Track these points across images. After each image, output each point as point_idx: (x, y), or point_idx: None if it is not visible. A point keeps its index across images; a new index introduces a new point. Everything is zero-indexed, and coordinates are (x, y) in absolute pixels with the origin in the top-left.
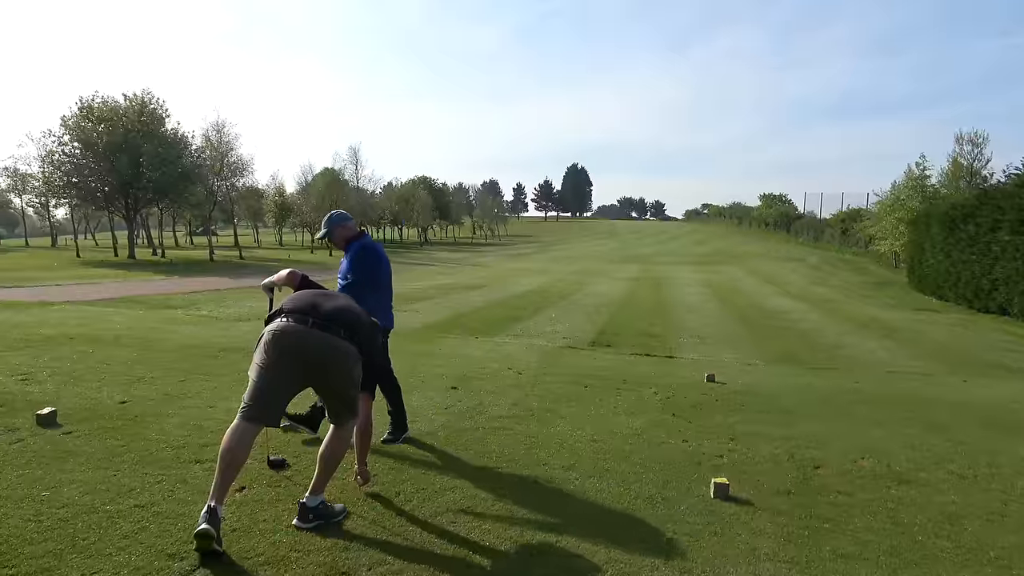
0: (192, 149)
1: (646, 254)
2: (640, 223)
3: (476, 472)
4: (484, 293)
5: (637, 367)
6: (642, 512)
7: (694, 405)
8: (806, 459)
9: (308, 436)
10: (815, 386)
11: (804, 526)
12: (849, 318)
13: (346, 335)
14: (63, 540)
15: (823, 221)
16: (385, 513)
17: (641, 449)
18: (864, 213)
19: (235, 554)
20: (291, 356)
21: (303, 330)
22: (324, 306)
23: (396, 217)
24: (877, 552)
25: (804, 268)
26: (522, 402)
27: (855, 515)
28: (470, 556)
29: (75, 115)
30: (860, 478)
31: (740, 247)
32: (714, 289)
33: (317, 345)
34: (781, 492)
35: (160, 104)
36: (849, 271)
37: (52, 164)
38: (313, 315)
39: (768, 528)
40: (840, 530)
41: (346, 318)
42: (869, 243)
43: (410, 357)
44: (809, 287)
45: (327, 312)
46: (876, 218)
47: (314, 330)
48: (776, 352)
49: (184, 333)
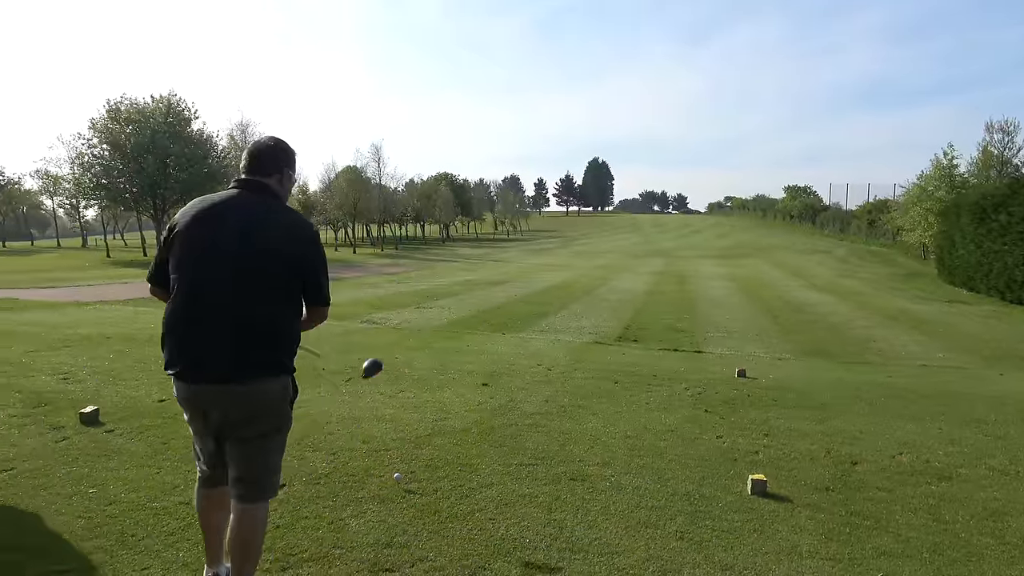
0: (218, 149)
1: (669, 248)
2: (663, 217)
3: (511, 469)
4: (508, 289)
5: (666, 362)
6: (679, 509)
7: (726, 401)
8: (843, 455)
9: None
10: (847, 380)
11: (844, 523)
12: (878, 311)
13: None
14: (112, 536)
15: (849, 212)
16: (424, 510)
17: (675, 445)
18: (891, 204)
19: (279, 551)
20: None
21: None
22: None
23: (418, 214)
24: (920, 549)
25: (831, 260)
26: (553, 398)
27: (896, 512)
28: (511, 553)
29: (103, 117)
30: (899, 474)
31: (764, 240)
32: (739, 283)
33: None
34: (819, 488)
35: (186, 105)
36: (877, 263)
37: (82, 166)
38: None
39: (808, 525)
40: (881, 527)
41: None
42: (897, 234)
43: (439, 353)
44: (836, 279)
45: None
46: (903, 209)
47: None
48: (805, 346)
49: None
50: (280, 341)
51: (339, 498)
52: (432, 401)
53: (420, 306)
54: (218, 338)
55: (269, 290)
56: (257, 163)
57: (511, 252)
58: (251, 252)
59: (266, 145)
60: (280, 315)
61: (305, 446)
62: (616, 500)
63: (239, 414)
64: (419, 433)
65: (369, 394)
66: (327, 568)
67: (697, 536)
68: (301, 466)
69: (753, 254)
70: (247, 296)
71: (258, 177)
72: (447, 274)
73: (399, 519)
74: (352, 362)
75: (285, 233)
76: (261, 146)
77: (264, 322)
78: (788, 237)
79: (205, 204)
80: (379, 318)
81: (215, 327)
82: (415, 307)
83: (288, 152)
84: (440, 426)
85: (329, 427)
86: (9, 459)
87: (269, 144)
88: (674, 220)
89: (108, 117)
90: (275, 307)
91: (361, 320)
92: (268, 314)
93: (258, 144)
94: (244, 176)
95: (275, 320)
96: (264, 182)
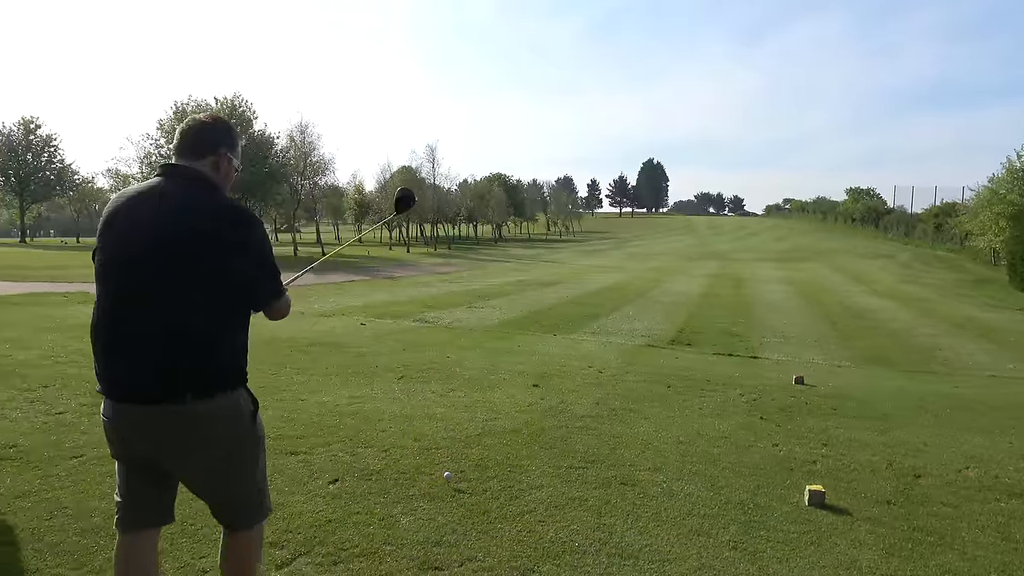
0: (277, 150)
1: (725, 250)
2: (718, 219)
3: (561, 471)
4: (559, 290)
5: (720, 367)
6: (733, 518)
7: (783, 408)
8: (905, 467)
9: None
10: (910, 390)
11: (907, 538)
12: (944, 318)
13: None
14: (173, 525)
15: (914, 216)
16: (474, 510)
17: (729, 453)
18: (959, 207)
19: (331, 545)
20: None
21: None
22: None
23: (471, 214)
24: (988, 569)
25: (894, 265)
26: (604, 401)
27: (962, 528)
28: (560, 557)
29: (170, 118)
30: (965, 489)
31: (824, 243)
32: (797, 287)
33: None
34: (880, 501)
35: (248, 106)
36: (943, 269)
37: (150, 165)
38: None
39: (868, 539)
40: (946, 544)
41: None
42: (965, 239)
43: (490, 353)
44: (899, 285)
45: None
46: (973, 212)
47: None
48: (866, 353)
49: (272, 327)
50: (218, 357)
51: (390, 495)
52: (483, 401)
53: (472, 306)
54: (144, 360)
55: (200, 291)
56: (184, 143)
57: (563, 253)
58: (176, 247)
59: (197, 121)
60: (216, 332)
61: (358, 442)
62: (668, 507)
63: (178, 444)
64: (469, 433)
65: (421, 392)
66: (377, 564)
67: (751, 546)
68: (354, 462)
69: (812, 258)
70: (174, 301)
71: (185, 161)
72: (499, 274)
73: (449, 518)
74: (405, 360)
75: (213, 221)
76: (191, 122)
77: (198, 344)
78: (849, 241)
79: (120, 200)
80: (431, 317)
81: (138, 351)
82: (467, 307)
83: (225, 129)
84: (490, 426)
85: (381, 424)
86: (79, 446)
87: (201, 119)
88: (730, 222)
89: (175, 118)
90: (209, 323)
91: (414, 319)
92: (201, 333)
93: (188, 121)
94: (174, 161)
95: (211, 339)
96: (193, 167)
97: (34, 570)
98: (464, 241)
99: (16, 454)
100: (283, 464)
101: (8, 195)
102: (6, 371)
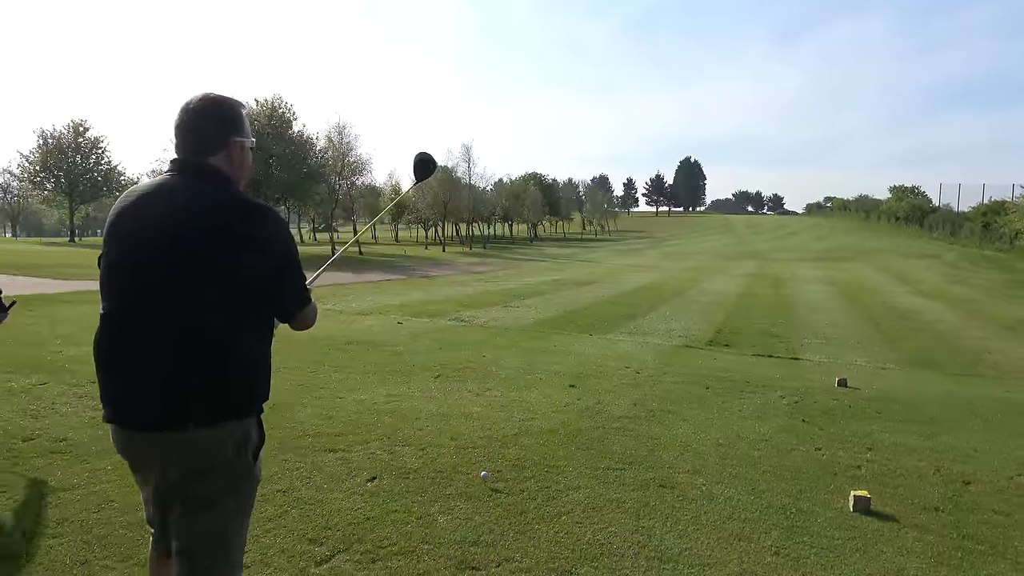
0: (316, 150)
1: (764, 250)
2: (757, 217)
3: (598, 472)
4: (595, 289)
5: (760, 368)
6: (775, 523)
7: (825, 411)
8: (954, 473)
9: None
10: (958, 393)
11: (956, 547)
12: (994, 320)
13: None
14: None
15: (961, 215)
16: (511, 510)
17: (770, 456)
18: (1009, 206)
19: (369, 543)
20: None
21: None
22: None
23: (506, 213)
24: None
25: (940, 265)
26: (642, 402)
27: (1014, 537)
28: (598, 559)
29: None
30: (1018, 496)
31: (867, 243)
32: (839, 287)
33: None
34: (928, 508)
35: (288, 108)
36: (992, 269)
37: None
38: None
39: (916, 547)
40: (998, 553)
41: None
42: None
43: (526, 353)
44: (945, 285)
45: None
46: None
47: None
48: (911, 355)
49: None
50: (232, 370)
51: (427, 493)
52: (519, 401)
53: (507, 305)
54: (148, 372)
55: (214, 289)
56: (193, 138)
57: (599, 252)
58: (189, 245)
59: (195, 115)
60: (232, 335)
61: (395, 440)
62: (707, 510)
63: (178, 471)
64: (506, 432)
65: (457, 391)
66: (415, 563)
67: (794, 552)
68: (391, 460)
69: (854, 257)
70: (185, 301)
71: (197, 157)
72: (534, 273)
73: (486, 517)
74: (441, 359)
75: (225, 216)
76: (193, 112)
77: (212, 347)
78: (893, 240)
79: (127, 200)
80: (467, 316)
81: (144, 359)
82: (502, 306)
83: (230, 114)
84: (527, 426)
85: (418, 423)
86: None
87: (198, 111)
88: (769, 221)
89: None
90: (226, 325)
91: (450, 318)
92: (216, 335)
93: (188, 110)
94: (180, 156)
95: (226, 342)
96: (208, 163)
97: (83, 561)
98: (499, 240)
99: (66, 448)
100: (322, 461)
101: (58, 196)
102: (57, 367)
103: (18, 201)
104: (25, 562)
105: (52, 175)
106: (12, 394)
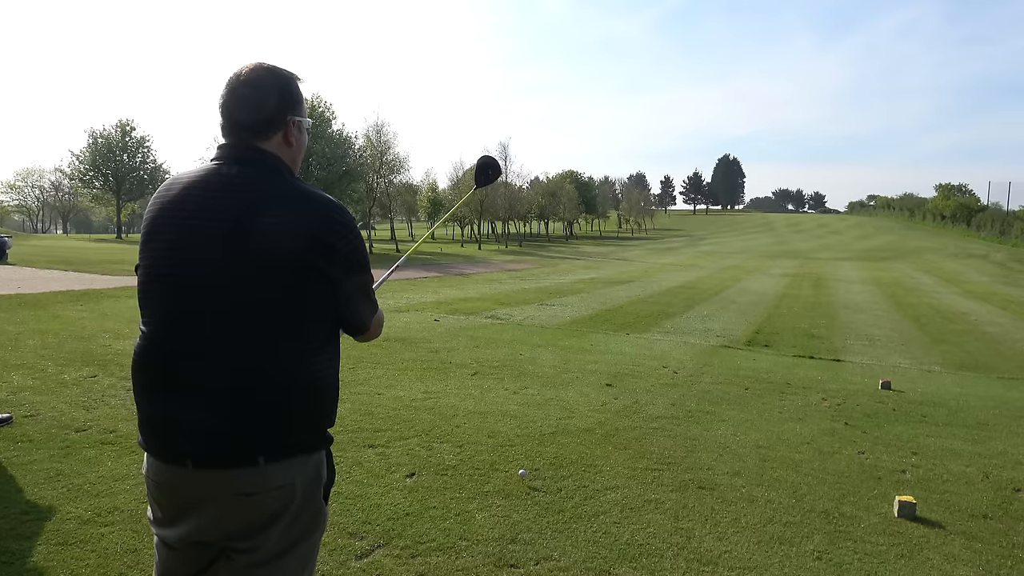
0: (355, 149)
1: (805, 249)
2: (798, 216)
3: (636, 472)
4: (632, 288)
5: (800, 370)
6: (817, 527)
7: (868, 414)
8: (1004, 480)
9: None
10: (1008, 398)
11: (1006, 555)
12: None
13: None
14: None
15: (1011, 214)
16: (548, 508)
17: (812, 459)
18: None
19: (409, 538)
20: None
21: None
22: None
23: (542, 211)
24: None
25: (987, 265)
26: (680, 402)
27: None
28: (637, 559)
29: None
30: None
31: (911, 242)
32: (883, 288)
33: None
34: (976, 515)
35: (327, 106)
36: None
37: None
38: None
39: (963, 555)
40: None
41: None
42: None
43: (562, 352)
44: (994, 287)
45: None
46: None
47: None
48: (958, 358)
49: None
50: (302, 398)
51: (465, 490)
52: (556, 399)
53: (543, 303)
54: (204, 400)
55: (287, 323)
56: (247, 116)
57: (635, 251)
58: (246, 261)
59: (254, 83)
60: (305, 359)
61: (433, 437)
62: (748, 512)
63: (235, 519)
64: (543, 431)
65: (494, 389)
66: (454, 559)
67: (837, 558)
68: (429, 456)
69: (898, 257)
70: (245, 330)
71: (250, 141)
72: (570, 272)
73: (524, 515)
74: (478, 356)
75: (312, 226)
76: (245, 85)
77: (280, 373)
78: (938, 239)
79: (167, 197)
80: (503, 314)
81: (198, 383)
82: (538, 304)
83: (287, 86)
84: (564, 425)
85: (456, 420)
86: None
87: (259, 80)
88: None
89: None
90: (297, 349)
91: (486, 315)
92: (286, 361)
93: (239, 82)
94: (229, 141)
95: (297, 367)
96: (260, 148)
97: (132, 550)
98: (535, 238)
99: (116, 439)
100: (362, 456)
101: (106, 194)
102: (106, 360)
103: (69, 199)
104: (79, 549)
105: (100, 173)
106: (65, 386)
